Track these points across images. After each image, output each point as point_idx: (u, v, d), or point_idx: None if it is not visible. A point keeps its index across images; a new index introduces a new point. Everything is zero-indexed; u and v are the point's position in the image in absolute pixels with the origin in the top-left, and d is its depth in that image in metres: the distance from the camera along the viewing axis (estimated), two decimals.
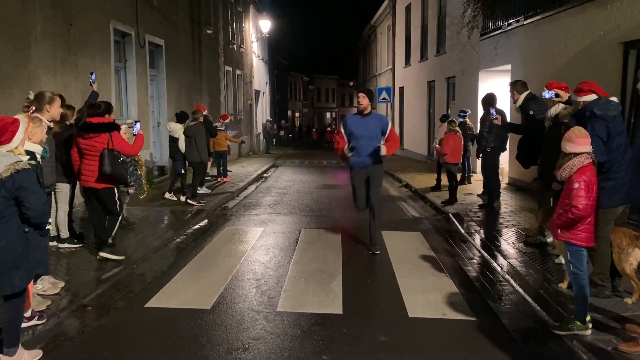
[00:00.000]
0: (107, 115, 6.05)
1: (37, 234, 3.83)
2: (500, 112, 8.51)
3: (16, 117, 4.05)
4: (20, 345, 3.76)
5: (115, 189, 6.14)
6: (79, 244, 6.64)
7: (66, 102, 6.17)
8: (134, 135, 6.40)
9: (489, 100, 8.80)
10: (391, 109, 25.48)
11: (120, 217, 6.35)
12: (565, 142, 4.11)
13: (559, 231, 4.18)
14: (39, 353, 3.86)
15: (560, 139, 4.22)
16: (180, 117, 10.53)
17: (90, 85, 6.93)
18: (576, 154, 4.05)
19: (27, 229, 3.68)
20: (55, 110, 5.55)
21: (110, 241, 6.14)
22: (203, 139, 10.19)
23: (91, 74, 7.08)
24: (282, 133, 35.93)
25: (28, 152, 4.06)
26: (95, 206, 6.20)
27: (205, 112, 11.51)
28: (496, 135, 8.76)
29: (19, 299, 3.71)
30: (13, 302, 3.68)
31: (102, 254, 6.07)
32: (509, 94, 7.52)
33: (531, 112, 6.84)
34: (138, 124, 6.51)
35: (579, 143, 4.06)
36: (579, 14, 9.01)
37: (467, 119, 11.92)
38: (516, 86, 7.33)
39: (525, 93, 7.18)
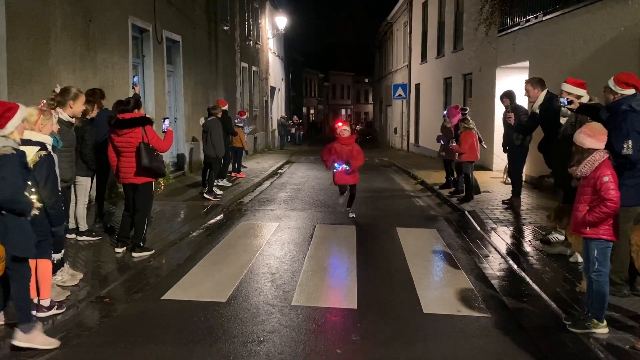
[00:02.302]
0: (136, 110, 6.11)
1: (16, 217, 3.73)
2: (522, 110, 8.37)
3: (30, 109, 4.15)
4: (36, 326, 3.84)
5: (153, 183, 6.21)
6: (98, 236, 6.73)
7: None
8: (164, 132, 6.47)
9: (508, 96, 8.71)
10: (407, 105, 25.38)
11: (148, 214, 6.37)
12: (586, 137, 4.05)
13: (588, 229, 4.07)
14: (55, 342, 3.92)
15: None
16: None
17: (133, 88, 6.97)
18: (594, 150, 4.02)
19: (4, 212, 3.68)
20: (78, 107, 5.64)
21: (141, 244, 6.21)
22: (219, 134, 10.27)
23: (134, 77, 7.13)
24: (293, 130, 32.63)
25: (38, 143, 4.14)
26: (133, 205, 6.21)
27: (225, 108, 11.68)
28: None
29: (19, 274, 3.79)
30: (14, 277, 3.78)
31: (135, 255, 6.11)
32: (524, 91, 7.40)
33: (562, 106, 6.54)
34: (167, 121, 6.58)
35: (601, 140, 4.04)
36: (598, 10, 8.88)
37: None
38: (533, 83, 7.21)
39: (544, 92, 7.00)
